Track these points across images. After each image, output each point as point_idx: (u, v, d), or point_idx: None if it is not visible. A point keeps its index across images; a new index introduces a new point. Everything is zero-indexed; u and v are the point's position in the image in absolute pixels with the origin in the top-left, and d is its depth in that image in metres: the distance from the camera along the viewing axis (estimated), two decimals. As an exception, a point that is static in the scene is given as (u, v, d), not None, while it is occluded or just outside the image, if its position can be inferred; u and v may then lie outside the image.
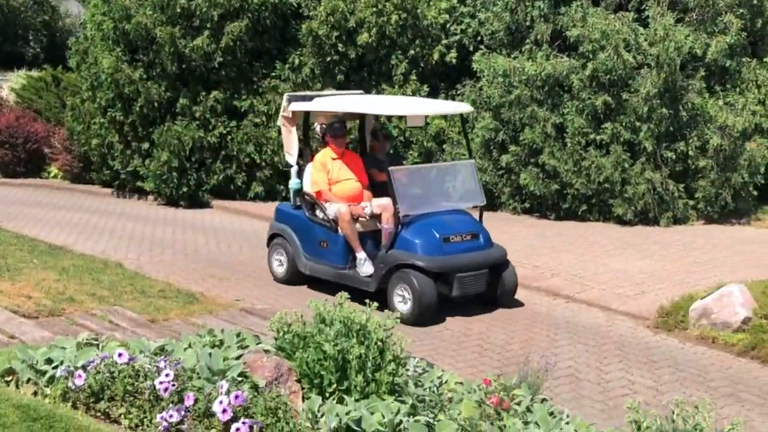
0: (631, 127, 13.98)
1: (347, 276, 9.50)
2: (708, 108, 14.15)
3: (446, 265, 8.96)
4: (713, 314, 8.62)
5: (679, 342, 8.54)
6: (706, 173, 14.10)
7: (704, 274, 10.56)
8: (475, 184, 10.00)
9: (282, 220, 10.51)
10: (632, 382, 7.47)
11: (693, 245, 12.41)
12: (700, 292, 9.27)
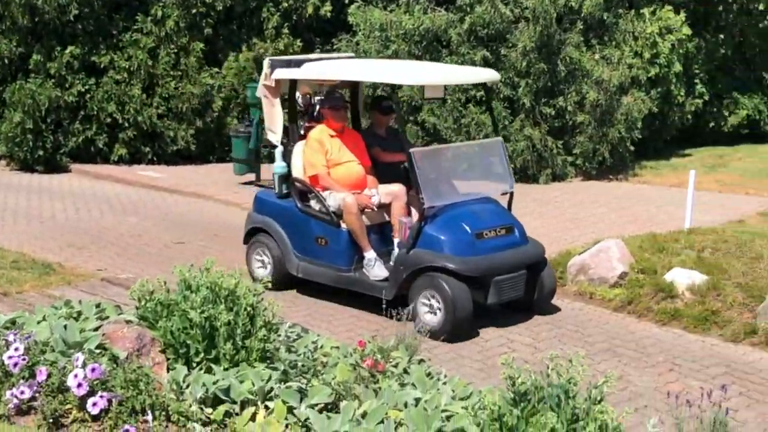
0: (510, 82, 14.23)
1: (353, 280, 8.18)
2: (585, 62, 14.51)
3: (482, 267, 7.63)
4: (591, 270, 8.90)
5: (559, 298, 8.76)
6: (584, 129, 14.51)
7: (582, 231, 10.88)
8: (504, 167, 8.62)
9: (264, 212, 8.92)
10: (511, 341, 7.64)
11: (571, 202, 12.77)
12: (578, 248, 9.55)
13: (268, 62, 8.71)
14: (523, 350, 7.37)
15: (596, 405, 4.10)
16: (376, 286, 7.91)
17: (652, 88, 15.46)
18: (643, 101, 14.82)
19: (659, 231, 10.11)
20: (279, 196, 8.74)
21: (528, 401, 4.14)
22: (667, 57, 15.38)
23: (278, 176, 8.72)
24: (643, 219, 11.44)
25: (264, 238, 8.80)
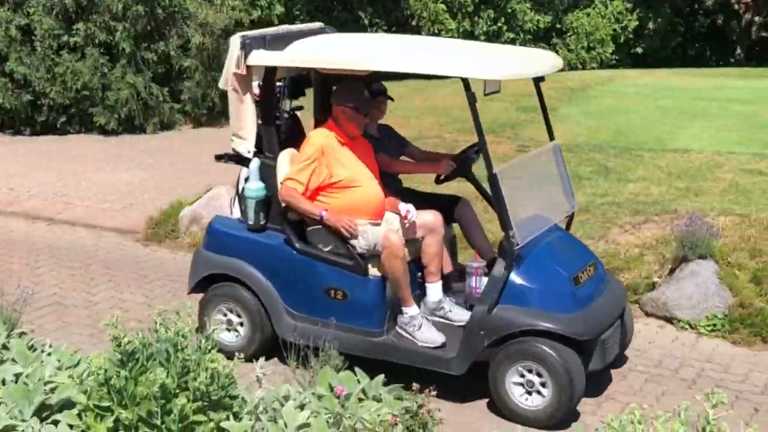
0: (107, 27, 13.84)
1: (390, 347, 6.00)
2: (187, 4, 14.49)
3: (593, 325, 5.77)
4: (203, 219, 8.96)
5: (171, 252, 8.83)
6: (191, 74, 14.49)
7: (193, 180, 10.93)
8: (564, 180, 6.63)
9: (230, 252, 6.46)
10: (123, 301, 7.59)
11: (180, 151, 12.80)
12: (189, 199, 9.62)
13: (239, 41, 6.15)
14: (136, 309, 7.34)
15: (207, 354, 4.22)
16: (431, 357, 5.88)
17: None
18: (249, 44, 15.07)
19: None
20: (253, 228, 6.40)
21: (136, 360, 4.17)
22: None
23: (254, 201, 6.30)
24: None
25: (232, 290, 6.42)
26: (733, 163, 10.67)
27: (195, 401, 4.03)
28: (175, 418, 3.97)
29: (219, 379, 4.16)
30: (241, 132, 6.35)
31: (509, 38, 21.14)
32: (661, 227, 8.19)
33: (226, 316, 6.43)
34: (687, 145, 11.70)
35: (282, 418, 4.31)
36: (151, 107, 14.14)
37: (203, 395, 4.05)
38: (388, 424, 4.04)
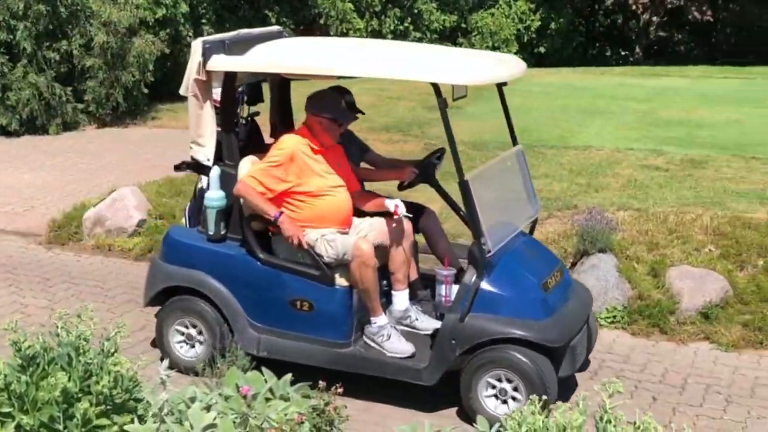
0: (7, 26, 13.50)
1: (358, 358, 5.83)
2: (90, 3, 14.22)
3: (565, 331, 5.71)
4: (108, 221, 8.89)
5: (75, 255, 8.67)
6: (95, 73, 14.23)
7: (97, 181, 10.77)
8: (527, 185, 6.53)
9: (188, 263, 6.20)
10: (25, 305, 7.43)
11: (85, 151, 12.57)
12: (93, 200, 9.46)
13: (200, 44, 5.92)
14: (39, 313, 7.20)
15: (110, 357, 4.16)
16: (401, 368, 5.74)
17: (161, 29, 15.60)
18: (154, 43, 14.90)
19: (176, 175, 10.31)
20: (213, 238, 6.16)
21: (37, 365, 4.08)
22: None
23: (214, 211, 6.07)
24: (159, 164, 11.58)
25: (192, 303, 6.17)
26: (631, 160, 10.93)
27: (98, 405, 3.96)
28: (78, 423, 3.90)
29: (123, 382, 4.10)
30: (200, 139, 6.13)
31: (416, 37, 21.27)
32: (563, 222, 8.36)
33: (186, 330, 6.22)
34: (588, 143, 11.94)
35: (188, 420, 4.27)
36: (54, 107, 13.82)
37: (106, 399, 3.98)
38: (295, 423, 4.04)
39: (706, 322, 7.06)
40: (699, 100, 15.53)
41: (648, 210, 8.59)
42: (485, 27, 23.07)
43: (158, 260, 6.40)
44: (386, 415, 5.79)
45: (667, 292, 7.24)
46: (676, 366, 6.58)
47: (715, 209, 8.58)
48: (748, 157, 10.99)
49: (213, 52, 5.88)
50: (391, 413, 5.80)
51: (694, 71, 20.37)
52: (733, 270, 7.45)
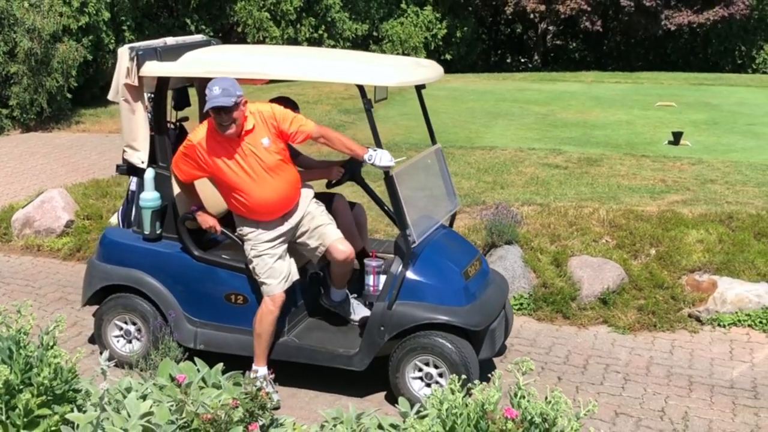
0: (-71, 32, 13.14)
1: (292, 348, 5.85)
2: (14, 10, 13.91)
3: (485, 316, 5.77)
4: (36, 222, 8.73)
5: (4, 255, 8.49)
6: (19, 79, 13.94)
7: (24, 184, 10.58)
8: (446, 181, 6.62)
9: (125, 262, 6.12)
10: (-43, 304, 7.25)
11: (11, 155, 12.30)
12: (21, 202, 9.28)
13: (128, 52, 5.82)
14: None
15: (49, 350, 4.12)
16: (333, 355, 5.76)
17: (83, 36, 15.34)
18: (77, 49, 14.65)
19: (102, 177, 10.21)
20: (149, 238, 6.05)
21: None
22: (94, 5, 15.33)
23: (150, 211, 5.98)
24: (85, 167, 11.43)
25: (129, 300, 6.10)
26: (533, 159, 11.15)
27: (39, 396, 3.93)
28: (21, 413, 3.85)
29: (62, 374, 4.06)
30: (134, 143, 5.99)
31: (330, 45, 21.31)
32: (472, 217, 8.49)
33: (125, 326, 6.14)
34: (493, 143, 12.14)
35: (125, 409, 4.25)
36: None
37: (47, 390, 3.95)
38: (230, 407, 4.06)
39: (604, 308, 7.26)
40: (593, 103, 15.92)
41: (549, 205, 8.77)
42: (395, 35, 23.25)
43: (95, 261, 6.29)
44: (311, 399, 5.83)
45: (569, 280, 7.43)
46: (578, 348, 6.76)
47: (611, 203, 8.81)
48: (638, 155, 11.31)
49: (146, 58, 5.80)
50: (316, 397, 5.85)
51: (587, 76, 20.87)
52: (628, 259, 7.68)
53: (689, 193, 9.34)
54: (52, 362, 4.01)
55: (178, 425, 4.10)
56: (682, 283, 7.42)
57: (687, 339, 6.96)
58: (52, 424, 3.93)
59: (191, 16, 19.32)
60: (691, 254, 7.63)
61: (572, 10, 24.22)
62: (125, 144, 6.06)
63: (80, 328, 6.83)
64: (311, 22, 21.09)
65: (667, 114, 14.62)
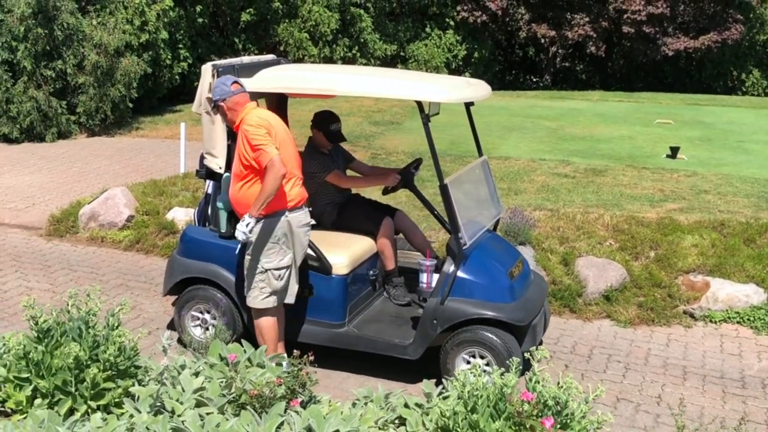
0: (9, 46, 13.25)
1: (352, 338, 5.84)
2: (83, 27, 14.02)
3: (528, 313, 5.72)
4: (100, 216, 8.78)
5: (72, 245, 8.55)
6: (86, 89, 14.04)
7: (90, 182, 10.64)
8: (493, 190, 6.58)
9: (203, 257, 6.05)
10: (30, 288, 7.30)
11: (77, 157, 12.38)
12: (87, 198, 9.34)
13: (211, 68, 5.77)
14: (42, 295, 7.09)
15: (114, 330, 4.15)
16: (389, 345, 5.72)
17: (144, 51, 15.43)
18: (138, 63, 14.74)
19: (158, 177, 10.27)
20: (224, 236, 5.95)
21: (51, 336, 4.06)
22: (154, 24, 15.42)
23: (226, 212, 5.89)
24: (144, 168, 11.49)
25: (205, 291, 6.02)
26: (544, 168, 11.10)
27: (105, 371, 3.96)
28: (88, 386, 3.89)
29: (126, 352, 4.10)
30: (213, 150, 5.86)
31: (362, 63, 21.31)
32: (489, 220, 8.44)
33: (201, 315, 6.08)
34: (507, 154, 12.10)
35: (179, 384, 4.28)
36: (50, 118, 13.61)
37: (112, 365, 3.99)
38: (275, 384, 4.08)
39: (607, 303, 7.21)
40: (598, 119, 15.82)
41: (559, 210, 8.74)
42: (420, 55, 23.23)
43: (177, 255, 6.23)
44: (344, 379, 5.83)
45: (576, 278, 7.38)
46: (583, 339, 6.72)
47: (614, 210, 8.76)
48: (639, 167, 11.23)
49: (225, 74, 5.72)
50: (348, 378, 5.84)
51: (593, 95, 20.75)
52: (629, 260, 7.63)
53: (685, 202, 9.26)
54: (117, 341, 4.05)
55: (228, 399, 4.12)
56: (678, 283, 7.36)
57: (682, 333, 6.91)
58: (116, 396, 3.97)
59: (239, 35, 19.38)
60: (686, 257, 7.57)
61: (579, 36, 24.11)
62: (205, 151, 5.96)
63: (139, 312, 6.86)
64: (345, 43, 21.11)
65: (665, 131, 14.51)
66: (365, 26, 21.53)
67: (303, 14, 19.98)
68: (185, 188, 9.59)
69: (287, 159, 5.37)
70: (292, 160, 5.50)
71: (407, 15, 23.98)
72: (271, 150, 5.19)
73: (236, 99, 5.43)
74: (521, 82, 28.73)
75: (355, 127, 13.99)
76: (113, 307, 4.40)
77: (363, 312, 6.12)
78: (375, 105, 16.28)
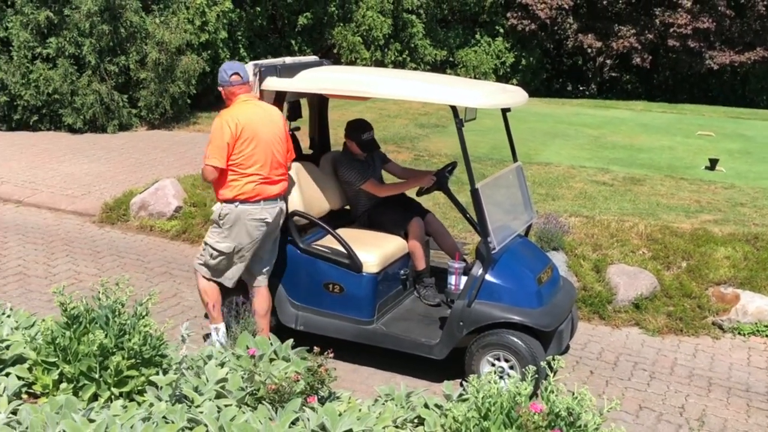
0: (75, 42, 13.39)
1: (380, 335, 5.69)
2: (147, 25, 14.12)
3: (554, 318, 5.53)
4: (150, 206, 8.80)
5: (122, 233, 8.57)
6: (147, 84, 14.13)
7: (144, 173, 10.68)
8: (526, 196, 6.35)
9: None
10: (78, 272, 7.33)
11: (135, 149, 12.45)
12: (139, 188, 9.37)
13: (253, 68, 5.67)
14: (89, 280, 7.10)
15: (141, 319, 4.08)
16: (416, 344, 5.57)
17: (203, 50, 15.50)
18: (198, 62, 14.81)
19: (209, 171, 10.25)
20: None
21: (80, 323, 4.00)
22: (214, 25, 15.47)
23: None
24: (197, 161, 11.49)
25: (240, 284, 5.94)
26: (583, 175, 10.85)
27: (129, 359, 3.89)
28: (111, 373, 3.82)
29: (151, 341, 4.02)
30: None
31: (412, 67, 21.16)
32: (524, 224, 8.25)
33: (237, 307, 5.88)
34: (548, 160, 11.86)
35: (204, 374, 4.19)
36: (112, 111, 13.73)
37: (136, 354, 3.91)
38: (292, 380, 3.96)
39: (636, 311, 6.98)
40: (640, 129, 15.44)
41: (594, 217, 8.50)
42: (469, 61, 22.97)
43: None
44: (370, 375, 5.71)
45: (607, 285, 7.16)
46: (610, 346, 6.50)
47: (649, 219, 8.49)
48: (677, 177, 10.91)
49: (267, 74, 5.67)
50: (374, 374, 5.72)
51: (637, 105, 20.28)
52: (661, 269, 7.37)
53: (720, 213, 8.94)
54: (142, 330, 3.97)
55: (247, 392, 4.02)
56: (708, 294, 7.08)
57: (709, 344, 6.64)
58: (139, 384, 3.89)
59: (296, 38, 19.38)
60: (718, 269, 7.28)
61: (624, 47, 23.63)
62: None
63: (179, 299, 6.83)
64: (397, 47, 20.97)
65: (705, 142, 14.09)
66: (416, 32, 21.36)
67: (357, 19, 19.89)
68: (233, 182, 9.55)
69: (257, 159, 5.35)
70: (262, 160, 5.39)
71: (458, 22, 23.74)
72: (208, 158, 5.34)
73: (232, 89, 5.43)
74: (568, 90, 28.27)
75: (401, 129, 13.85)
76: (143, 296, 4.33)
77: (392, 310, 5.98)
78: (422, 108, 16.11)
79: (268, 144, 5.43)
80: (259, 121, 5.41)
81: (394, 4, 20.50)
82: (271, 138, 5.45)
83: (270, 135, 5.45)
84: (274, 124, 5.52)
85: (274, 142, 5.47)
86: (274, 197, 5.50)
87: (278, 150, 5.50)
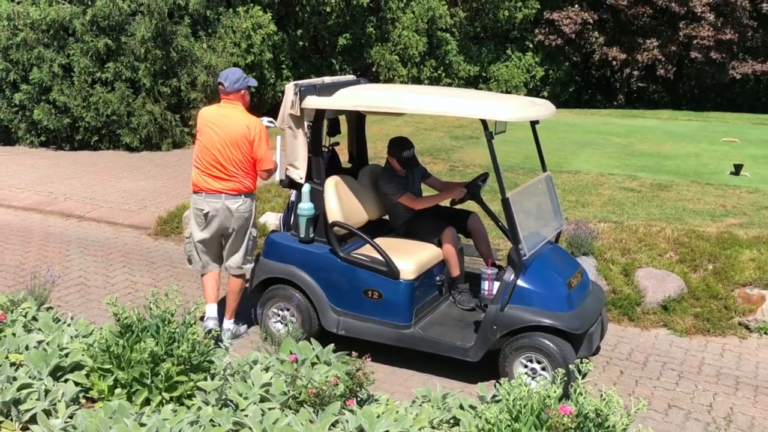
0: (131, 66, 13.60)
1: (417, 339, 5.63)
2: (195, 50, 14.28)
3: (584, 322, 5.44)
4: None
5: (175, 244, 8.64)
6: (197, 104, 14.28)
7: (195, 188, 10.76)
8: (556, 203, 6.32)
9: (285, 259, 6.04)
10: (135, 282, 7.40)
11: (187, 165, 12.54)
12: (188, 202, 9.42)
13: (293, 87, 5.72)
14: (145, 290, 7.16)
15: (189, 327, 4.10)
16: (452, 347, 5.52)
17: (249, 72, 15.62)
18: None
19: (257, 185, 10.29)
20: (303, 240, 5.98)
21: (132, 332, 4.03)
22: (259, 47, 15.59)
23: (305, 219, 5.92)
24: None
25: (285, 291, 6.01)
26: (611, 182, 10.69)
27: (179, 365, 3.91)
28: (162, 379, 3.84)
29: (199, 348, 4.04)
30: (295, 162, 5.89)
31: (447, 83, 21.11)
32: (554, 231, 8.14)
33: (281, 312, 6.04)
34: (578, 168, 11.71)
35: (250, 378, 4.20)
36: (166, 130, 13.90)
37: (185, 360, 3.93)
38: (332, 384, 3.94)
39: (665, 313, 6.84)
40: (666, 137, 15.18)
41: (623, 223, 8.36)
42: (500, 76, 22.85)
43: (262, 257, 6.20)
44: (408, 377, 5.67)
45: (635, 288, 7.03)
46: (639, 347, 6.38)
47: (676, 224, 8.32)
48: (703, 183, 10.69)
49: (307, 93, 5.70)
50: (413, 376, 5.68)
51: (663, 114, 19.97)
52: (688, 272, 7.22)
53: (745, 217, 8.73)
54: (191, 338, 3.99)
55: (290, 396, 4.01)
56: (735, 295, 6.91)
57: (736, 344, 6.47)
58: (188, 389, 3.91)
59: (336, 57, 19.45)
60: (744, 271, 7.10)
61: (649, 59, 23.31)
62: (288, 163, 5.93)
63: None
64: (432, 64, 20.94)
65: (730, 148, 13.80)
66: (450, 49, 21.30)
67: (394, 38, 19.91)
68: (278, 195, 9.59)
69: (200, 152, 5.85)
70: (203, 154, 5.85)
71: (490, 38, 23.64)
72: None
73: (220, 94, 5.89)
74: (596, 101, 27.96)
75: (436, 141, 13.80)
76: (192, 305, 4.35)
77: (429, 315, 5.93)
78: (456, 121, 16.04)
79: (212, 142, 5.75)
80: (213, 120, 5.76)
81: (428, 24, 20.48)
82: (216, 138, 5.75)
83: (216, 136, 5.76)
84: (228, 128, 5.74)
85: (219, 143, 5.74)
86: (215, 192, 5.84)
87: (221, 151, 5.75)
